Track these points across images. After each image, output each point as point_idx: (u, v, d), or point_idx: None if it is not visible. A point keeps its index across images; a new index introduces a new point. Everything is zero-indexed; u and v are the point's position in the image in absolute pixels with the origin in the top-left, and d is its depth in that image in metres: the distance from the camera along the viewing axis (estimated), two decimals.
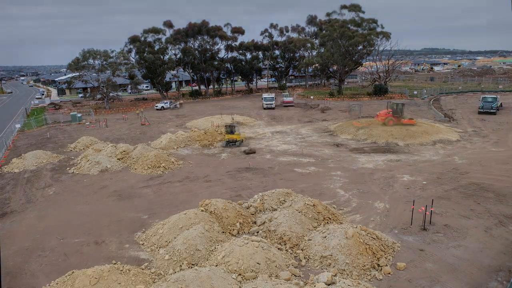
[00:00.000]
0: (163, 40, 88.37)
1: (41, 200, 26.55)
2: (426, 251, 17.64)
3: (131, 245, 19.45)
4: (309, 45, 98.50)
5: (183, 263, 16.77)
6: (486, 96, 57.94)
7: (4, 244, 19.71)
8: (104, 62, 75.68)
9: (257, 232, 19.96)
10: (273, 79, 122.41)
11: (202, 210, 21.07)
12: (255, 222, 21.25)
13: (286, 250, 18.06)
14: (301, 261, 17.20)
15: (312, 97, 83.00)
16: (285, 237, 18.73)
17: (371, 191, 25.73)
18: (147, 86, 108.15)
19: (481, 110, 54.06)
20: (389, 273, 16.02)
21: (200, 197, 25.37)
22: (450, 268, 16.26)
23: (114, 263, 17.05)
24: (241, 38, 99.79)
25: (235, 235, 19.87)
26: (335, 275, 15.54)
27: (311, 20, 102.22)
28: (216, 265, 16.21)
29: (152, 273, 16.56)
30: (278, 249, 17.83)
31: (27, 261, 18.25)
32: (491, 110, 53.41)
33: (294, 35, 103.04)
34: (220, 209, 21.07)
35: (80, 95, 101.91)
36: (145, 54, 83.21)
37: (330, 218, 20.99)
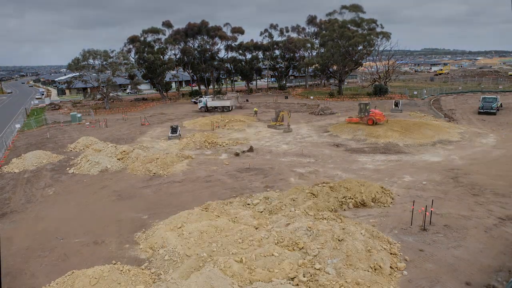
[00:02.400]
0: (163, 40, 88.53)
1: (41, 200, 26.54)
2: (426, 252, 17.63)
3: (131, 245, 19.44)
4: (309, 45, 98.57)
5: (183, 263, 16.77)
6: (486, 96, 57.94)
7: (4, 244, 19.70)
8: (104, 62, 75.71)
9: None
10: (273, 79, 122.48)
11: (202, 210, 21.09)
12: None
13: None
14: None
15: (312, 97, 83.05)
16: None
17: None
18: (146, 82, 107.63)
19: (481, 111, 54.02)
20: (389, 274, 16.01)
21: (200, 197, 25.41)
22: (450, 269, 16.26)
23: (114, 263, 17.06)
24: (241, 38, 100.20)
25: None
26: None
27: (311, 20, 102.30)
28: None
29: (152, 273, 16.56)
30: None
31: (27, 261, 18.25)
32: (491, 111, 53.36)
33: (294, 35, 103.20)
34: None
35: (77, 97, 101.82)
36: (145, 54, 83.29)
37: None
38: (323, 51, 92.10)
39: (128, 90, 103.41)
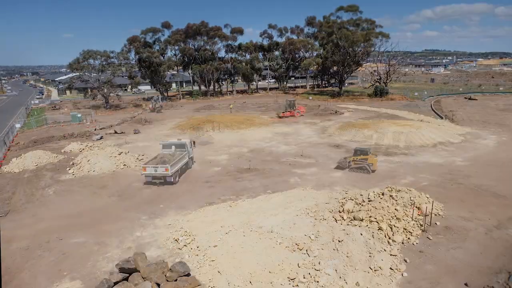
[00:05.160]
0: (162, 40, 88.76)
1: (41, 200, 26.52)
2: (426, 253, 17.61)
3: (131, 245, 19.41)
4: (309, 46, 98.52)
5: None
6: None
7: (3, 244, 19.68)
8: (104, 62, 75.71)
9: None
10: (273, 80, 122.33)
11: (203, 211, 21.07)
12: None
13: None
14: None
15: (310, 98, 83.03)
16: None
17: None
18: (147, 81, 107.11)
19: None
20: (389, 275, 15.99)
21: (200, 198, 25.40)
22: (450, 270, 16.23)
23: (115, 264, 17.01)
24: (241, 39, 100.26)
25: None
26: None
27: (310, 22, 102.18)
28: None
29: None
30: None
31: (27, 261, 18.23)
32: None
33: (293, 36, 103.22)
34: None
35: (77, 97, 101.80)
36: (145, 54, 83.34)
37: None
38: (323, 51, 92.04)
39: (133, 90, 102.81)
